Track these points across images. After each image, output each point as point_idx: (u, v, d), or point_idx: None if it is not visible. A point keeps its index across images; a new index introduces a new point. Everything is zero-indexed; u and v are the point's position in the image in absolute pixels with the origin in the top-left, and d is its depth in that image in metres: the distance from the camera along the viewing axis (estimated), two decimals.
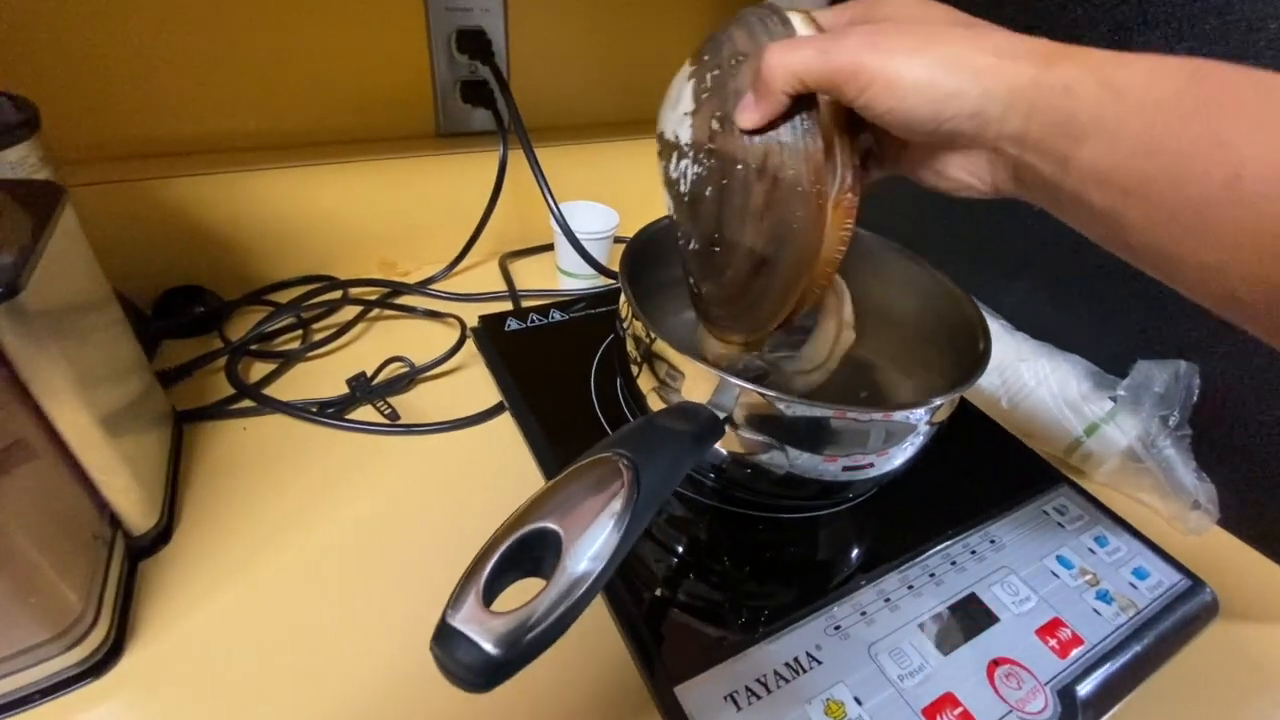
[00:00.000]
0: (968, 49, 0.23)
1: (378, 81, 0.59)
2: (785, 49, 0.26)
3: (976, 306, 0.38)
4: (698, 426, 0.27)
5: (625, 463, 0.20)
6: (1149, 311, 0.49)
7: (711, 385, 0.31)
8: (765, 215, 0.29)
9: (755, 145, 0.28)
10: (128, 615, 0.34)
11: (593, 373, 0.45)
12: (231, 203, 0.54)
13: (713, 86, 0.29)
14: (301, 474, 0.43)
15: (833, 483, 0.35)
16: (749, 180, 0.29)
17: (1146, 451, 0.48)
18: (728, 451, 0.33)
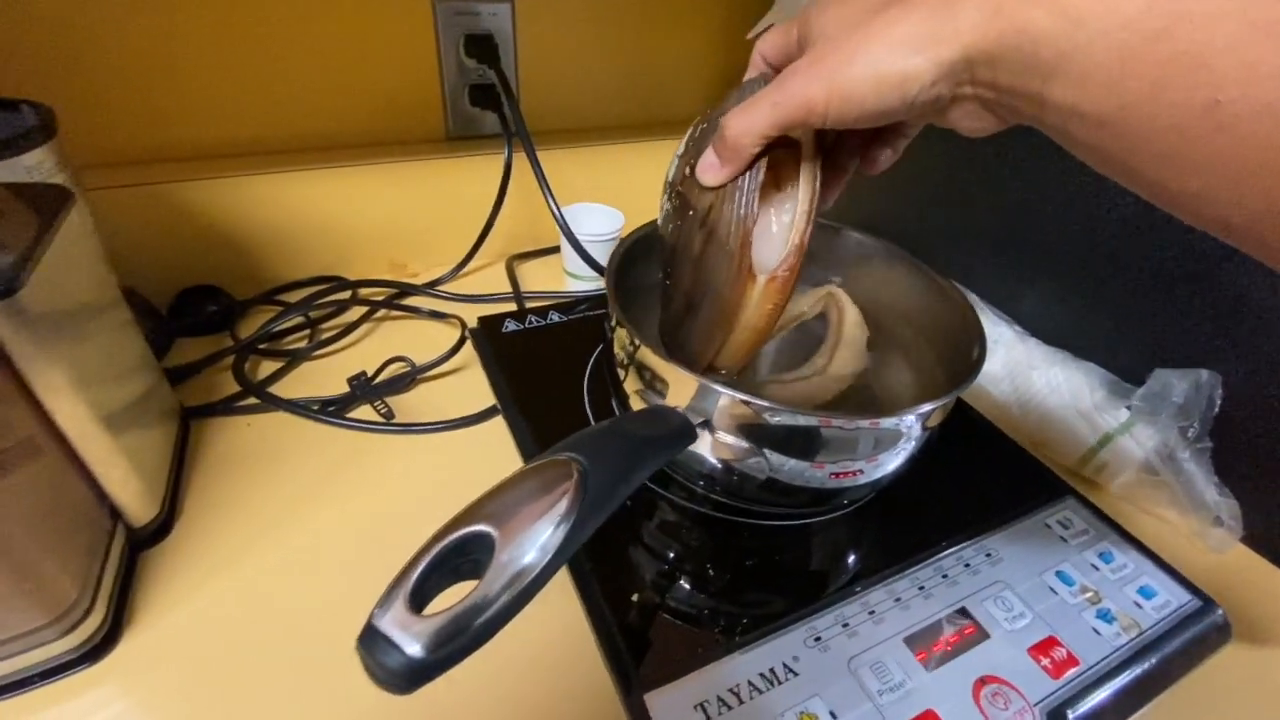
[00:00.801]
0: (901, 28, 0.23)
1: (388, 86, 0.60)
2: (741, 113, 0.27)
3: (975, 312, 0.37)
4: (665, 430, 0.26)
5: (575, 466, 0.20)
6: (1169, 319, 0.46)
7: (691, 390, 0.30)
8: (699, 264, 0.32)
9: (705, 196, 0.31)
10: (125, 603, 0.36)
11: (586, 376, 0.45)
12: (246, 205, 0.56)
13: (698, 137, 0.32)
14: (301, 470, 0.44)
15: (821, 490, 0.34)
16: (694, 227, 0.31)
17: (1164, 464, 0.46)
18: (711, 457, 0.33)
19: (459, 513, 0.20)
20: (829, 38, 0.25)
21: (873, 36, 0.23)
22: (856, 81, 0.23)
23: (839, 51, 0.24)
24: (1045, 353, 0.51)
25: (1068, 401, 0.49)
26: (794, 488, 0.33)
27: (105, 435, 0.34)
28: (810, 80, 0.24)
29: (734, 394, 0.29)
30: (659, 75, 0.71)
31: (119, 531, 0.36)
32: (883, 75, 0.23)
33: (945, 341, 0.39)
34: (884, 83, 0.23)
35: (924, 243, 0.62)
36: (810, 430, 0.30)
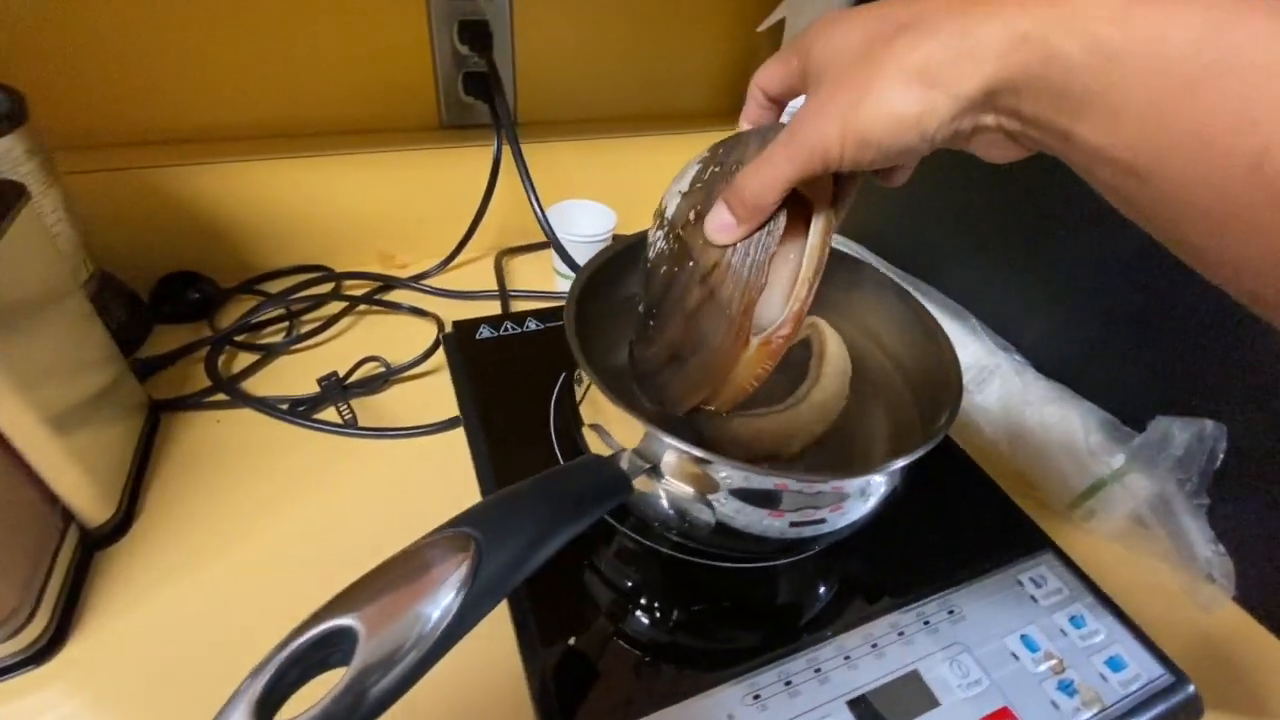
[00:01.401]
0: (913, 59, 0.21)
1: (380, 72, 0.58)
2: (757, 170, 0.26)
3: (958, 367, 0.35)
4: (594, 488, 0.25)
5: (470, 543, 0.19)
6: (1179, 362, 0.44)
7: (640, 435, 0.29)
8: (693, 318, 0.30)
9: (710, 252, 0.29)
10: (75, 605, 0.36)
11: (555, 393, 0.44)
12: (231, 191, 0.55)
13: (707, 181, 0.30)
14: (266, 471, 0.44)
15: (780, 539, 0.33)
16: (693, 279, 0.30)
17: (1156, 516, 0.43)
18: (662, 501, 0.31)
19: (323, 604, 0.18)
20: (836, 73, 0.23)
21: (883, 71, 0.21)
22: (870, 122, 0.22)
23: (848, 89, 0.22)
24: (1042, 388, 0.49)
25: (1060, 442, 0.46)
26: (750, 535, 0.32)
27: (54, 438, 0.33)
28: (822, 125, 0.23)
29: (685, 448, 0.27)
30: (665, 67, 0.68)
31: (71, 532, 0.36)
32: (898, 114, 0.21)
33: (925, 384, 0.37)
34: (900, 122, 0.21)
35: (925, 259, 0.59)
36: (756, 485, 0.28)
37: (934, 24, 0.21)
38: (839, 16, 0.24)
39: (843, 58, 0.23)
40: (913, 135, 0.22)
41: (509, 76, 0.62)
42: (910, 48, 0.21)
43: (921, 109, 0.21)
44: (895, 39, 0.21)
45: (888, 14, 0.22)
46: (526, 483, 0.23)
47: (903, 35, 0.21)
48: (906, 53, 0.21)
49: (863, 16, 0.23)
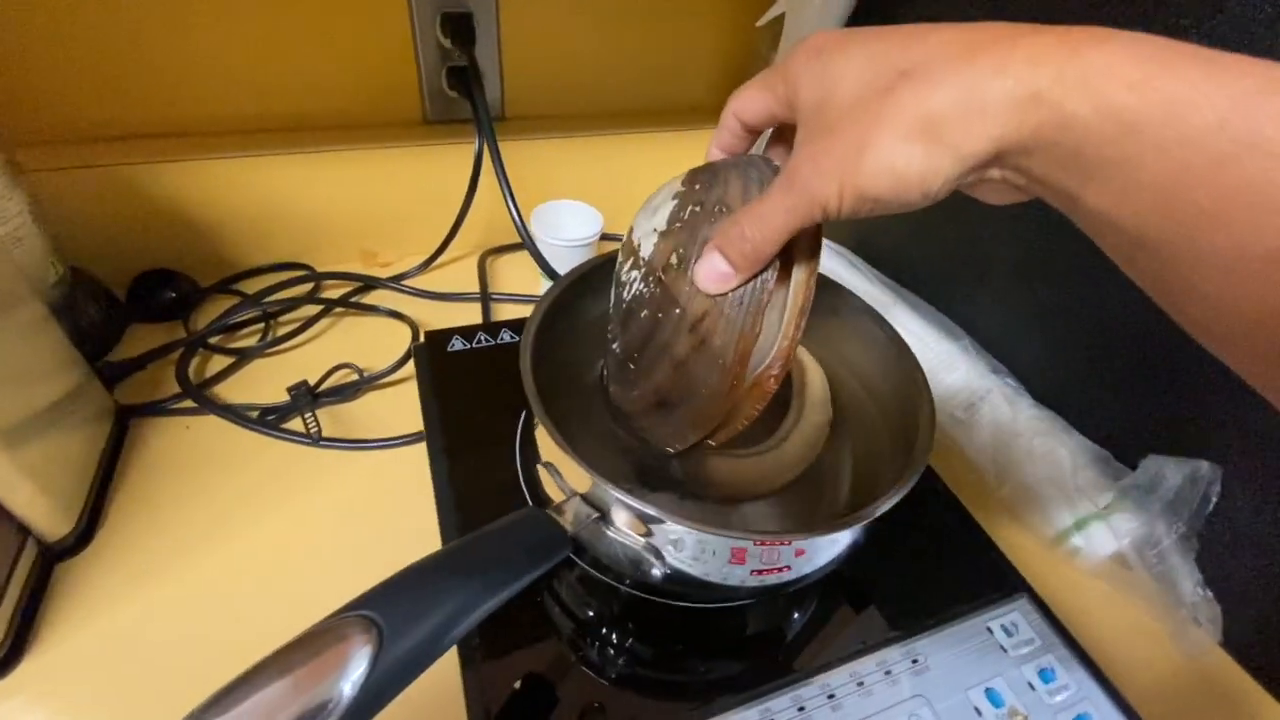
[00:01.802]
0: (917, 112, 0.19)
1: (360, 66, 0.56)
2: (755, 221, 0.25)
3: (931, 407, 0.33)
4: (528, 550, 0.24)
5: (369, 630, 0.18)
6: (1177, 397, 0.41)
7: (587, 484, 0.28)
8: (681, 367, 0.29)
9: (699, 300, 0.27)
10: (34, 618, 0.36)
11: (523, 416, 0.42)
12: (210, 188, 0.54)
13: (688, 221, 0.28)
14: (232, 480, 0.43)
15: (739, 587, 0.31)
16: (680, 327, 0.28)
17: (1142, 558, 0.42)
18: (615, 548, 0.30)
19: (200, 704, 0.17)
20: (832, 118, 0.22)
21: (885, 123, 0.20)
22: (870, 179, 0.21)
23: (847, 140, 0.21)
24: (1033, 417, 0.47)
25: (1048, 475, 0.45)
26: (711, 584, 0.31)
27: (3, 458, 0.33)
28: (821, 177, 0.22)
29: (633, 503, 0.26)
30: (659, 61, 0.66)
31: (29, 545, 0.36)
32: (899, 172, 0.20)
33: (900, 418, 0.36)
34: (902, 180, 0.20)
35: (920, 271, 0.57)
36: (706, 541, 0.27)
37: (938, 74, 0.19)
38: (829, 47, 0.23)
39: (839, 101, 0.22)
40: (915, 194, 0.21)
41: (495, 70, 0.59)
42: (914, 101, 0.20)
43: (925, 166, 0.20)
44: (897, 88, 0.20)
45: (887, 55, 0.21)
46: (442, 553, 0.22)
47: (905, 85, 0.20)
48: (910, 106, 0.20)
49: (859, 53, 0.22)
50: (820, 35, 0.23)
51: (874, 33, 0.22)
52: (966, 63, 0.19)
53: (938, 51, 0.20)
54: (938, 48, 0.20)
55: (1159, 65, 0.16)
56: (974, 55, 0.19)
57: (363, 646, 0.18)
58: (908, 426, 0.33)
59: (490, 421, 0.42)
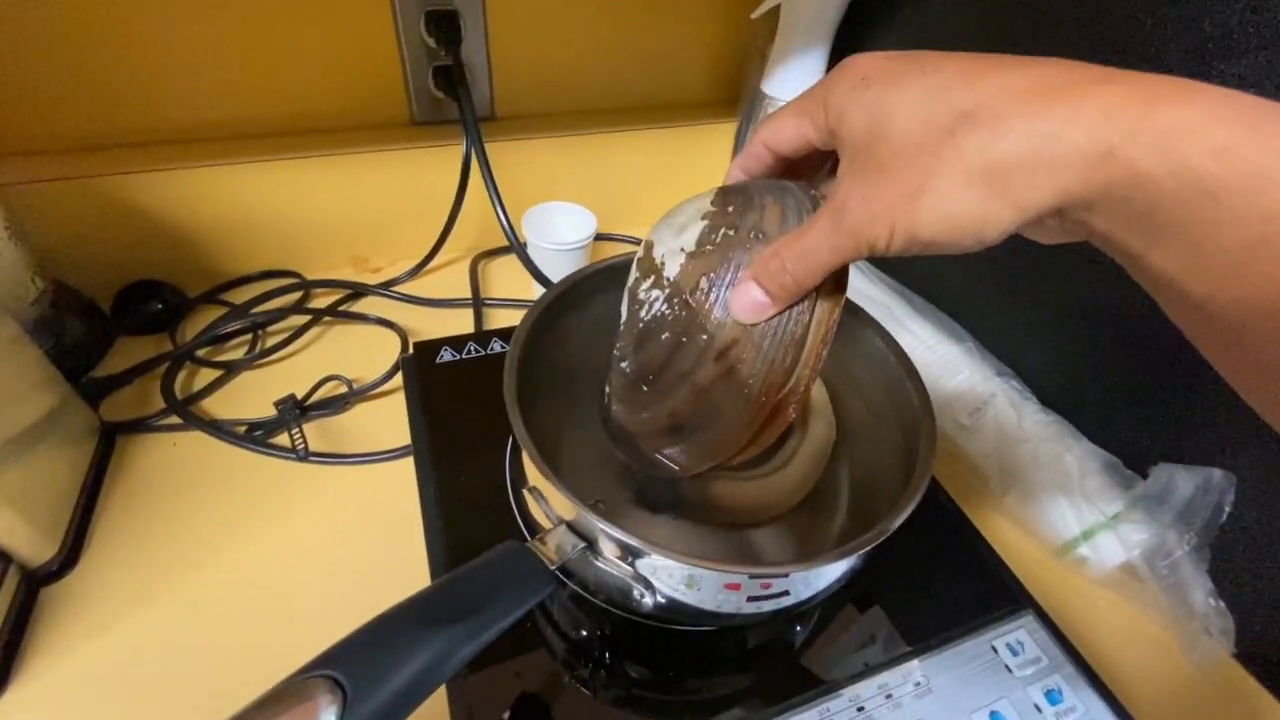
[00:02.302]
0: (981, 160, 0.18)
1: (344, 66, 0.55)
2: (801, 257, 0.24)
3: (932, 421, 0.32)
4: (501, 593, 0.23)
5: (335, 691, 0.17)
6: (1189, 401, 0.40)
7: (573, 512, 0.27)
8: (703, 394, 0.28)
9: (729, 327, 0.27)
10: (18, 647, 0.35)
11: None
12: (195, 196, 0.53)
13: (720, 244, 0.27)
14: (220, 498, 0.43)
15: (735, 614, 0.30)
16: (706, 354, 0.27)
17: (1151, 568, 0.41)
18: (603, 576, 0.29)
19: None
20: (885, 156, 0.21)
21: (945, 168, 0.19)
22: (925, 224, 0.20)
23: (902, 182, 0.20)
24: (1039, 422, 0.46)
25: (1055, 483, 0.43)
26: (705, 612, 0.30)
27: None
28: (872, 217, 0.21)
29: (620, 536, 0.25)
30: (651, 56, 0.64)
31: (11, 572, 0.36)
32: (957, 220, 0.20)
33: (901, 432, 0.35)
34: (959, 228, 0.20)
35: (922, 271, 0.55)
36: (694, 573, 0.26)
37: (1004, 121, 0.18)
38: (877, 76, 0.22)
39: (893, 138, 0.21)
40: (970, 240, 0.20)
41: (484, 68, 0.58)
42: (977, 148, 0.19)
43: (984, 216, 0.19)
44: (959, 131, 0.19)
45: (946, 92, 0.20)
46: (412, 600, 0.21)
47: (967, 130, 0.19)
48: (973, 153, 0.19)
49: (913, 87, 0.20)
50: (864, 62, 0.23)
51: (926, 63, 0.21)
52: (1035, 110, 0.18)
53: (1003, 93, 0.18)
54: (1003, 89, 0.19)
55: (1247, 129, 0.15)
56: (1043, 102, 0.18)
57: (327, 709, 0.17)
58: (909, 443, 0.32)
59: (480, 435, 0.41)
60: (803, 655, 0.35)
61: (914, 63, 0.21)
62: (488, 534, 0.37)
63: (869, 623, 0.36)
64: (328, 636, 0.36)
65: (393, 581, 0.38)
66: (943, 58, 0.21)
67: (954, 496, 0.44)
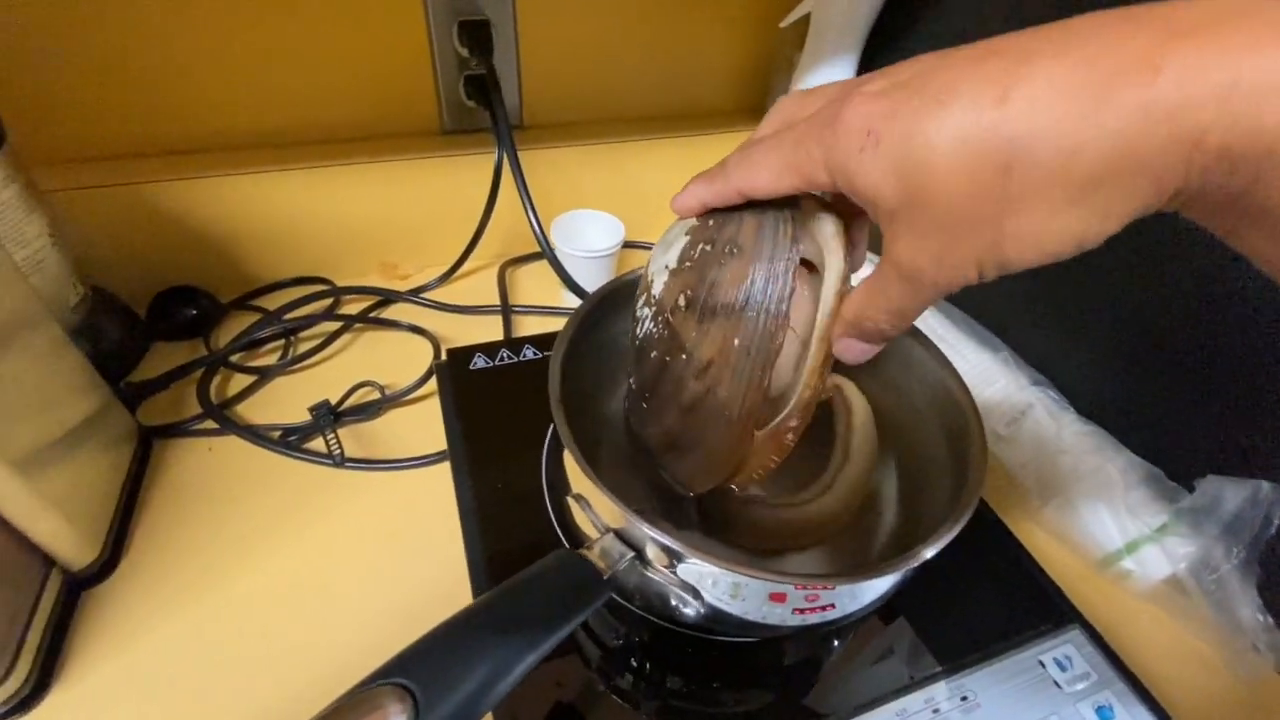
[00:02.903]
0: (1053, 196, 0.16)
1: (377, 76, 0.55)
2: (899, 316, 0.23)
3: (981, 433, 0.31)
4: (557, 601, 0.23)
5: (406, 699, 0.17)
6: (1236, 413, 0.39)
7: (620, 520, 0.27)
8: (690, 413, 0.28)
9: (706, 346, 0.26)
10: (59, 650, 0.35)
11: (548, 434, 0.41)
12: (229, 204, 0.53)
13: (698, 260, 0.27)
14: (257, 503, 0.43)
15: (780, 625, 0.30)
16: (686, 374, 0.27)
17: (1198, 582, 0.40)
18: (648, 587, 0.29)
19: None
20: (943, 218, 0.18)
21: (1020, 208, 0.17)
22: (1017, 257, 0.18)
23: (975, 235, 0.18)
24: (1079, 433, 0.45)
25: (1096, 495, 0.43)
26: (749, 622, 0.29)
27: (26, 486, 0.32)
28: (951, 274, 0.19)
29: (667, 541, 0.25)
30: (680, 64, 0.64)
31: (54, 575, 0.36)
32: (1049, 246, 0.18)
33: (948, 444, 0.34)
34: (1053, 251, 0.18)
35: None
36: (741, 582, 0.26)
37: (1068, 139, 0.16)
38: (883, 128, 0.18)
39: (939, 197, 0.18)
40: (1069, 252, 0.18)
41: (513, 78, 0.58)
42: (1047, 180, 0.16)
43: (1083, 231, 0.17)
44: (1015, 168, 0.16)
45: (975, 123, 0.17)
46: (474, 608, 0.21)
47: (1024, 163, 0.16)
48: (1046, 188, 0.16)
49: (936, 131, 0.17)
50: (859, 111, 0.19)
51: (932, 85, 0.18)
52: (1100, 116, 0.15)
53: (1051, 104, 0.16)
54: (1048, 98, 0.16)
55: None
56: (1103, 101, 0.15)
57: (397, 717, 0.17)
58: (957, 454, 0.32)
59: (515, 441, 0.41)
60: (844, 669, 0.34)
61: (918, 95, 0.18)
62: (526, 540, 0.37)
63: (912, 636, 0.35)
64: (367, 641, 0.36)
65: (430, 587, 0.39)
66: (946, 73, 0.18)
67: (993, 507, 0.43)
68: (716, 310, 0.26)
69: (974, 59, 0.17)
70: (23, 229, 0.40)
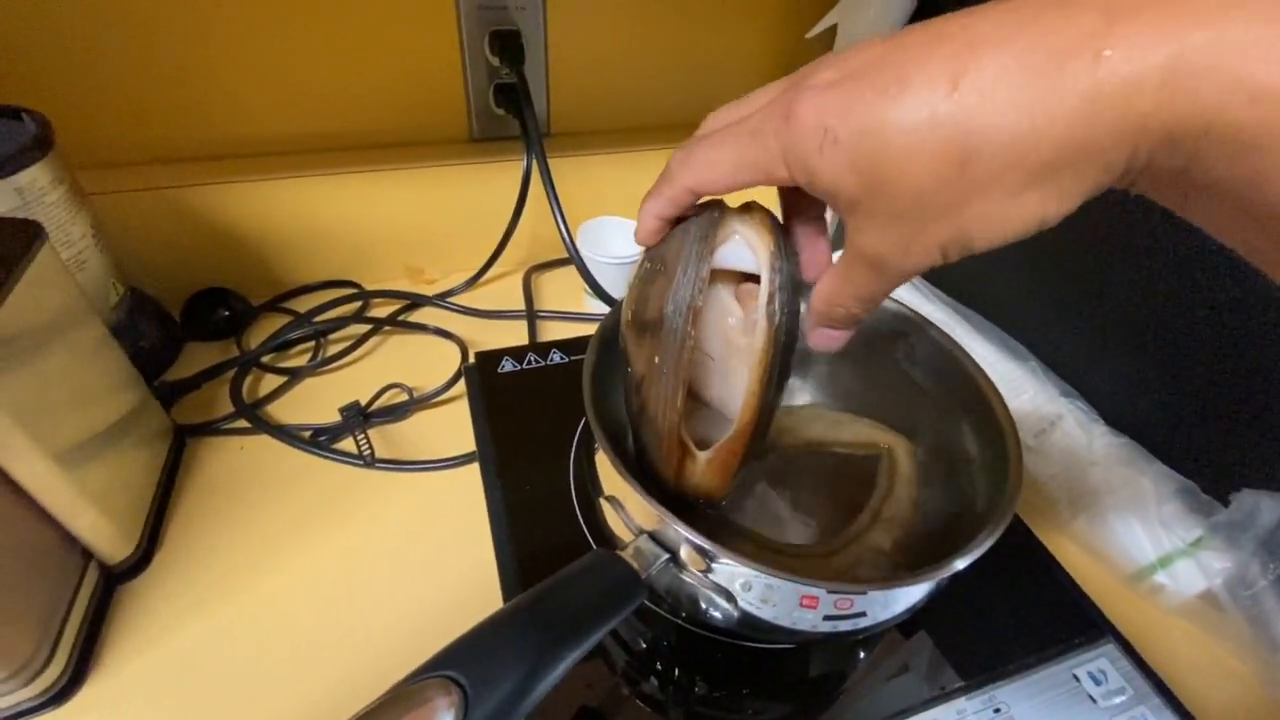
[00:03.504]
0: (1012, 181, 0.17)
1: (409, 85, 0.56)
2: (865, 300, 0.23)
3: (1018, 443, 0.31)
4: (596, 600, 0.23)
5: (455, 691, 0.17)
6: (1269, 424, 0.39)
7: (654, 521, 0.27)
8: (639, 426, 0.30)
9: (639, 362, 0.28)
10: (94, 644, 0.36)
11: (575, 439, 0.41)
12: (261, 208, 0.54)
13: (641, 277, 0.28)
14: (288, 501, 0.43)
15: (810, 631, 0.30)
16: (630, 387, 0.29)
17: (1233, 598, 0.39)
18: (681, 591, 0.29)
19: None
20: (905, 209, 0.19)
21: (978, 199, 0.18)
22: (981, 239, 0.19)
23: (935, 225, 0.19)
24: (1110, 445, 0.44)
25: (1129, 508, 0.42)
26: (779, 628, 0.29)
27: (70, 481, 0.33)
28: (912, 258, 0.20)
29: (697, 540, 0.25)
30: (706, 73, 0.65)
31: (91, 569, 0.36)
32: (1011, 227, 0.18)
33: (984, 453, 0.34)
34: (1014, 232, 0.19)
35: (980, 288, 0.55)
36: (776, 585, 0.26)
37: (1014, 125, 0.16)
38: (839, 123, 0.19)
39: (898, 189, 0.18)
40: (1032, 231, 0.19)
41: (541, 86, 0.59)
42: (1005, 169, 0.17)
43: (1042, 213, 0.18)
44: (972, 161, 0.17)
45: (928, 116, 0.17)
46: (518, 604, 0.21)
47: (979, 154, 0.17)
48: (1003, 176, 0.17)
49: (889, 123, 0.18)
50: (813, 106, 0.19)
51: (883, 77, 0.18)
52: (1047, 103, 0.16)
53: (999, 89, 0.16)
54: (997, 84, 0.16)
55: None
56: (1052, 88, 0.15)
57: (446, 711, 0.17)
58: (993, 464, 0.32)
59: (543, 444, 0.42)
60: (873, 678, 0.34)
61: (869, 86, 0.18)
62: (555, 542, 0.37)
63: (941, 647, 0.35)
64: (395, 641, 0.37)
65: (459, 587, 0.39)
66: (897, 61, 0.18)
67: (1023, 519, 0.43)
68: (646, 327, 0.27)
69: (922, 45, 0.18)
70: (69, 229, 0.41)
